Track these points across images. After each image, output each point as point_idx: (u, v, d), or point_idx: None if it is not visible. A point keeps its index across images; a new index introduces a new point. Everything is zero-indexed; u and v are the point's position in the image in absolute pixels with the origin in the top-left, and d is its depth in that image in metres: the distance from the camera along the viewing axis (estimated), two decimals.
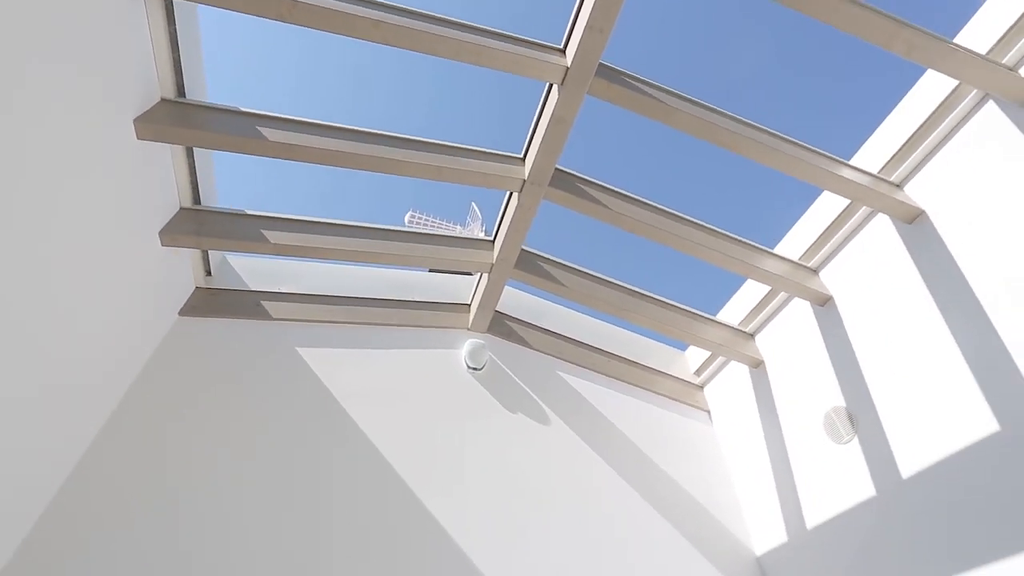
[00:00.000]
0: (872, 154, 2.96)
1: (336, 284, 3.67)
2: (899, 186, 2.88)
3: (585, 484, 3.40)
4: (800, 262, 3.35)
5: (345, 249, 3.19)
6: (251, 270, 3.58)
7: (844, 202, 3.09)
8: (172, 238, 2.81)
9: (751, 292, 3.76)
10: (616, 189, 3.14)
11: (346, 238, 3.24)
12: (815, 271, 3.34)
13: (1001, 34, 2.42)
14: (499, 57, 2.43)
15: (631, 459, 3.60)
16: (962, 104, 2.60)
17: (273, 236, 3.09)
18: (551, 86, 2.65)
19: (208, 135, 2.51)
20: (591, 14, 2.29)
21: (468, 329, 3.84)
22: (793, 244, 3.44)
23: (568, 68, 2.48)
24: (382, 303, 3.69)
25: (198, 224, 2.94)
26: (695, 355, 4.26)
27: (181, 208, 2.93)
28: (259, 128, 2.59)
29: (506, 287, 3.80)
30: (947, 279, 2.58)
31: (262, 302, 3.43)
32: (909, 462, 2.58)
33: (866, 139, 3.04)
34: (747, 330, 3.81)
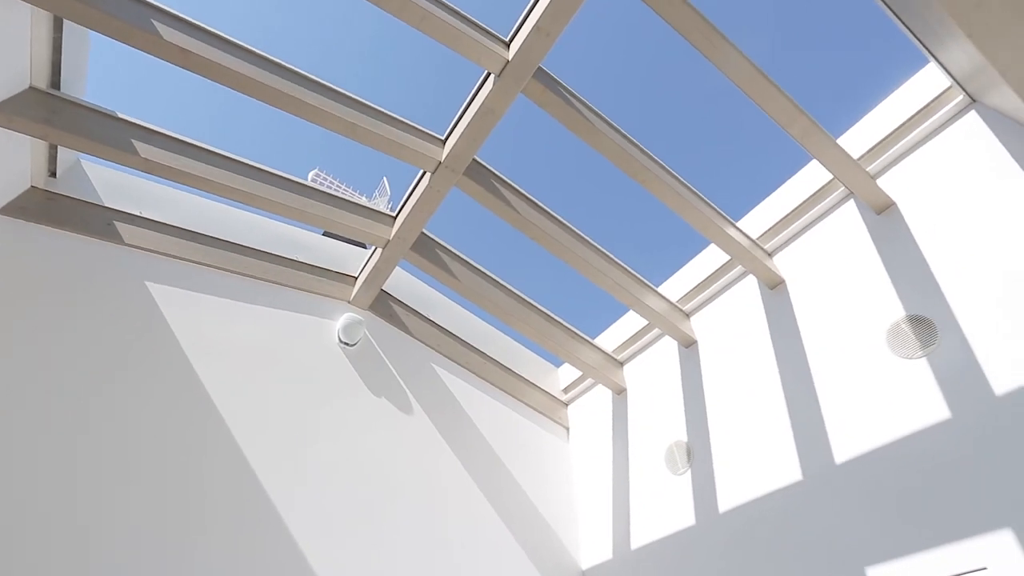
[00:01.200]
0: (755, 220, 3.28)
1: (211, 223, 3.29)
2: (770, 255, 3.21)
3: (434, 479, 3.35)
4: (677, 304, 3.61)
5: (233, 187, 2.88)
6: (109, 183, 3.10)
7: (725, 258, 3.38)
8: (8, 119, 2.35)
9: (630, 322, 3.98)
10: (528, 195, 3.16)
11: (236, 175, 2.92)
12: (688, 315, 3.62)
13: (872, 144, 2.80)
14: (442, 28, 2.35)
15: (485, 463, 3.62)
16: (831, 197, 2.97)
17: (146, 150, 2.70)
18: (488, 75, 2.62)
19: (84, 8, 2.13)
20: (541, 16, 2.30)
21: (349, 302, 3.64)
22: (675, 285, 3.69)
23: (508, 62, 2.46)
24: (261, 255, 3.38)
25: (50, 112, 2.49)
26: (567, 373, 4.41)
27: (31, 87, 2.46)
28: (154, 22, 2.25)
29: (398, 269, 3.67)
30: (791, 343, 2.92)
31: (115, 222, 2.98)
32: (726, 498, 2.86)
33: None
34: (618, 358, 4.02)
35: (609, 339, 4.12)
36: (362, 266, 3.64)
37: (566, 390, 4.35)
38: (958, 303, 2.31)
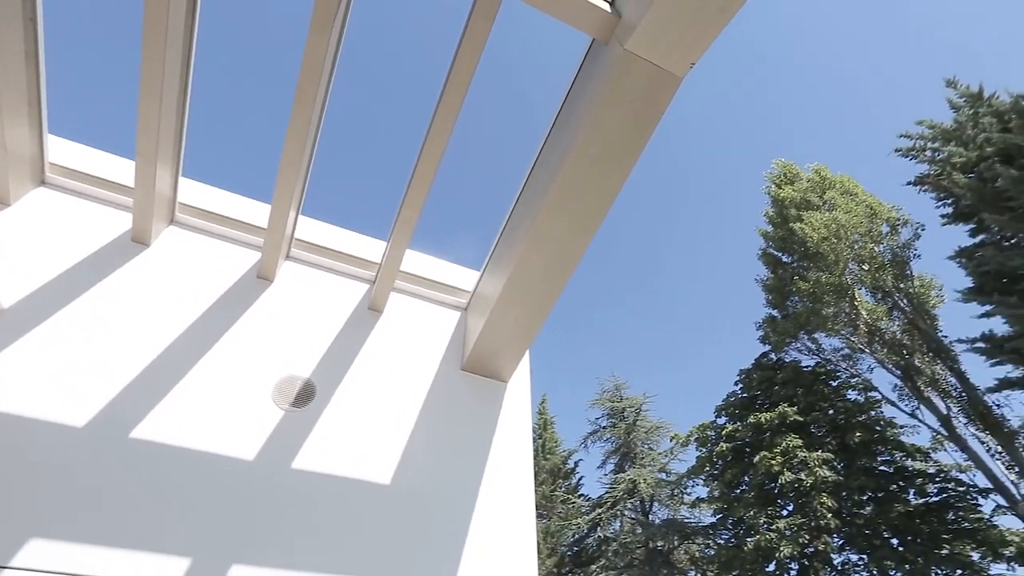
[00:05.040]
0: (311, 229, 3.31)
1: None
2: (289, 257, 3.22)
3: None
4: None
5: None
6: None
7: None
8: None
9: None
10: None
11: None
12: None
13: (408, 271, 3.40)
14: None
15: None
16: (365, 271, 3.34)
17: None
18: None
19: None
20: None
21: None
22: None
23: None
24: None
25: None
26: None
27: None
28: None
29: None
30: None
31: None
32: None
33: None
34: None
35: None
36: None
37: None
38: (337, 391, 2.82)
